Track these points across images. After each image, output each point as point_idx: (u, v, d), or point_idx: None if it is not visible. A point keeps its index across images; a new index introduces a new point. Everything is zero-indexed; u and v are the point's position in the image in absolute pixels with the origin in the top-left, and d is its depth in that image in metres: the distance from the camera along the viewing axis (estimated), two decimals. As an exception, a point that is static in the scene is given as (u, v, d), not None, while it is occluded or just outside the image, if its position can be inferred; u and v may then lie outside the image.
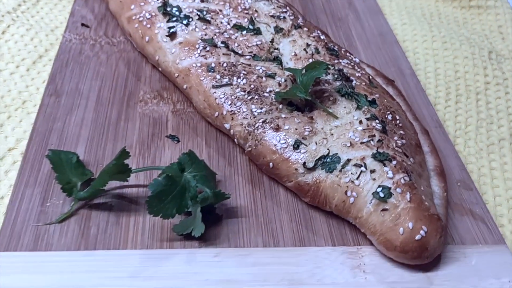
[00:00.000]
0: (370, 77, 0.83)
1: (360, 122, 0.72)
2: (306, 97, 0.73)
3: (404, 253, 0.62)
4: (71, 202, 0.67)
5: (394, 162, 0.67)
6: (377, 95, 0.78)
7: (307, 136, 0.71)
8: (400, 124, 0.75)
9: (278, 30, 0.88)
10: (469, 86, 1.04)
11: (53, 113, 0.80)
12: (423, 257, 0.62)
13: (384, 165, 0.66)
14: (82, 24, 0.98)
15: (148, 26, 0.87)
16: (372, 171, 0.66)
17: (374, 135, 0.70)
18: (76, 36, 0.95)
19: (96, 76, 0.88)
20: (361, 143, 0.69)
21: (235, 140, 0.77)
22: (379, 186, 0.64)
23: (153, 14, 0.87)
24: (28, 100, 0.87)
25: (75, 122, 0.79)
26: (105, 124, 0.79)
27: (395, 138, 0.71)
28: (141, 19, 0.88)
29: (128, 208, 0.68)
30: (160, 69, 0.88)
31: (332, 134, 0.71)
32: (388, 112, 0.75)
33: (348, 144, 0.69)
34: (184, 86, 0.82)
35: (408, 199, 0.63)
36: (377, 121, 0.72)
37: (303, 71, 0.75)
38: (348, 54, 0.89)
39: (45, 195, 0.68)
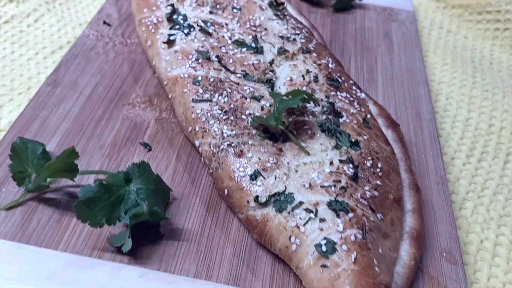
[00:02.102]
0: (368, 116, 0.75)
1: (331, 163, 0.65)
2: (276, 125, 0.67)
3: (336, 320, 0.54)
4: (23, 192, 0.68)
5: (351, 215, 0.59)
6: (365, 137, 0.70)
7: (268, 168, 0.65)
8: (380, 174, 0.66)
9: (281, 51, 0.83)
10: (501, 144, 0.91)
11: (44, 102, 0.82)
12: (357, 330, 0.54)
13: (338, 216, 0.59)
14: (104, 22, 1.00)
15: (153, 30, 0.87)
16: (322, 220, 0.59)
17: (339, 180, 0.62)
18: (94, 33, 0.98)
19: (97, 72, 0.89)
20: (321, 186, 0.62)
21: (202, 159, 0.73)
22: (324, 239, 0.57)
23: (160, 19, 0.87)
24: (34, 87, 0.91)
25: (60, 114, 0.80)
26: (86, 120, 0.80)
27: (366, 188, 0.63)
28: (148, 23, 0.88)
29: (75, 208, 0.67)
30: (156, 75, 0.87)
31: (296, 171, 0.65)
32: (370, 158, 0.67)
33: (307, 185, 0.62)
34: (170, 95, 0.80)
35: (353, 260, 0.55)
36: (351, 165, 0.65)
37: (282, 98, 0.70)
38: (354, 88, 0.81)
39: (4, 180, 0.70)
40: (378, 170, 0.66)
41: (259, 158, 0.66)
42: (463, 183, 0.83)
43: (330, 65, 0.83)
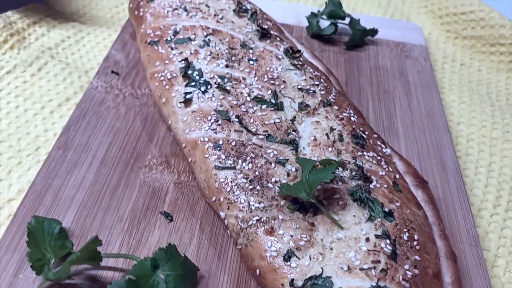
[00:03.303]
0: (397, 177, 0.73)
1: (367, 239, 0.62)
2: (308, 199, 0.64)
3: None
4: (41, 279, 0.64)
5: (395, 303, 0.56)
6: (398, 204, 0.67)
7: (302, 246, 0.62)
8: (418, 247, 0.63)
9: (302, 107, 0.80)
10: (527, 190, 0.89)
11: (56, 168, 0.78)
12: None
13: (382, 305, 0.56)
14: (112, 72, 0.96)
15: (167, 87, 0.83)
16: (365, 311, 0.56)
17: (379, 261, 0.60)
18: (103, 84, 0.94)
19: (109, 131, 0.85)
20: (361, 269, 0.59)
21: (228, 231, 0.70)
22: (370, 333, 0.54)
23: (174, 75, 0.83)
24: (43, 146, 0.87)
25: (74, 182, 0.76)
26: (102, 189, 0.76)
27: (406, 266, 0.60)
28: (162, 78, 0.84)
29: (98, 294, 0.64)
30: (172, 133, 0.83)
31: (331, 249, 0.62)
32: (406, 230, 0.64)
33: (346, 268, 0.59)
34: (190, 159, 0.77)
35: None
36: (387, 241, 0.62)
37: (312, 167, 0.67)
38: (378, 143, 0.79)
39: (21, 265, 0.66)
40: (415, 243, 0.63)
41: (292, 236, 0.63)
42: (493, 237, 0.81)
43: (352, 118, 0.80)
